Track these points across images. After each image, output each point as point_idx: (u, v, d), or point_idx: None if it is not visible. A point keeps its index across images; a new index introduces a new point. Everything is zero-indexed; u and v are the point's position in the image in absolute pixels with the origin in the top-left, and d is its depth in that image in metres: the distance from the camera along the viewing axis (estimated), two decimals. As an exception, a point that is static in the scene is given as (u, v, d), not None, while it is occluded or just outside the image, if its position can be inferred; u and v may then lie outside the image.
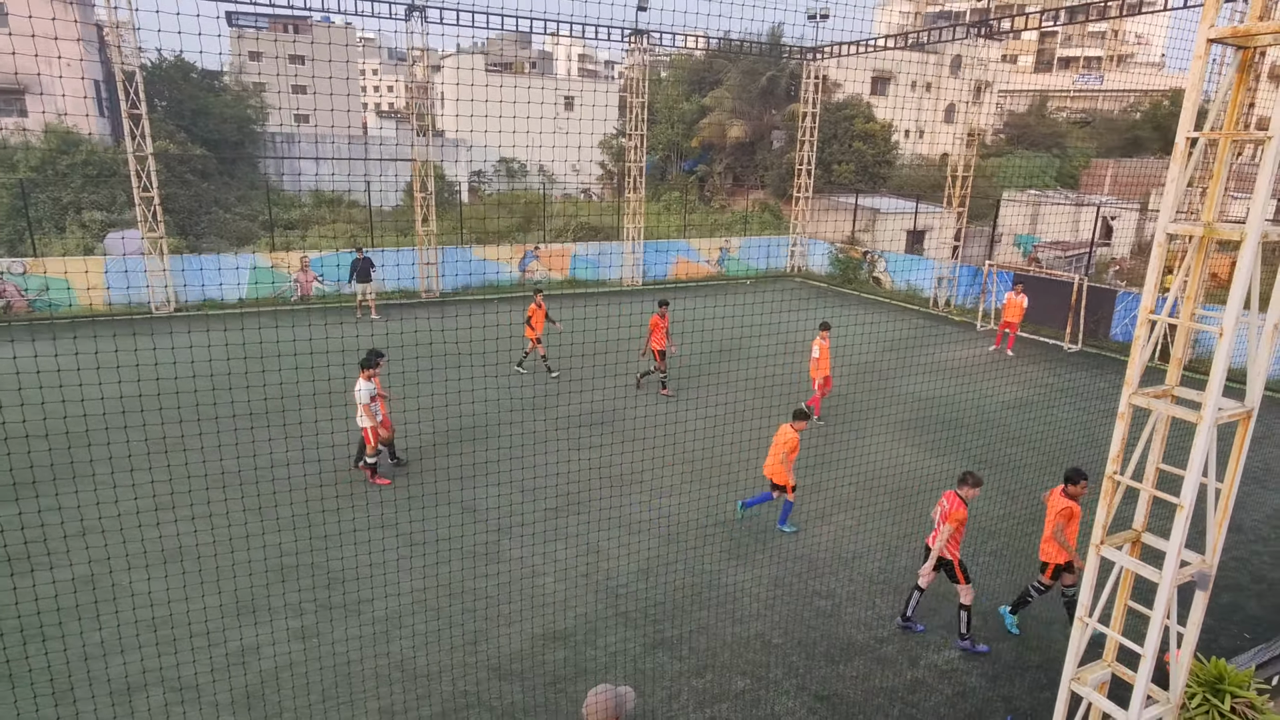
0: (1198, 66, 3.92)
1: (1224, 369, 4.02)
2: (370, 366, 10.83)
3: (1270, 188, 3.75)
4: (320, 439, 12.17)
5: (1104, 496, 4.84)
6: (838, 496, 10.96)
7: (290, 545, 9.20)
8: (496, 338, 16.89)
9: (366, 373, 10.81)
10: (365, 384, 10.78)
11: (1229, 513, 4.60)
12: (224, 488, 10.37)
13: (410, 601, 8.15)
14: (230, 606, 7.98)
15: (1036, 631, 8.11)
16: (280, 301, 22.32)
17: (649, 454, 11.96)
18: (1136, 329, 4.42)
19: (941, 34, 26.00)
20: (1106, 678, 5.22)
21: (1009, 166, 41.12)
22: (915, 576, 8.72)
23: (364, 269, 20.79)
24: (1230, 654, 7.09)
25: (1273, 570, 9.46)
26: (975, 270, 23.87)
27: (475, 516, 10.12)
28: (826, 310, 23.39)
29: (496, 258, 25.30)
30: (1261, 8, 3.94)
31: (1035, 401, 15.50)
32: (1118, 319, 20.03)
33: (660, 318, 14.73)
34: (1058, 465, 12.29)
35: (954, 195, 24.10)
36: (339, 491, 10.59)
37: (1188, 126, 4.05)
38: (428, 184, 23.14)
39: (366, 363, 10.87)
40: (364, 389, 10.75)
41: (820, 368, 13.79)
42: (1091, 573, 4.99)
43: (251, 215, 29.07)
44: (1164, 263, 4.29)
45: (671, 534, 9.83)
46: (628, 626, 7.92)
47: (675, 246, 28.49)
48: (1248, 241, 3.83)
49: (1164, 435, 4.71)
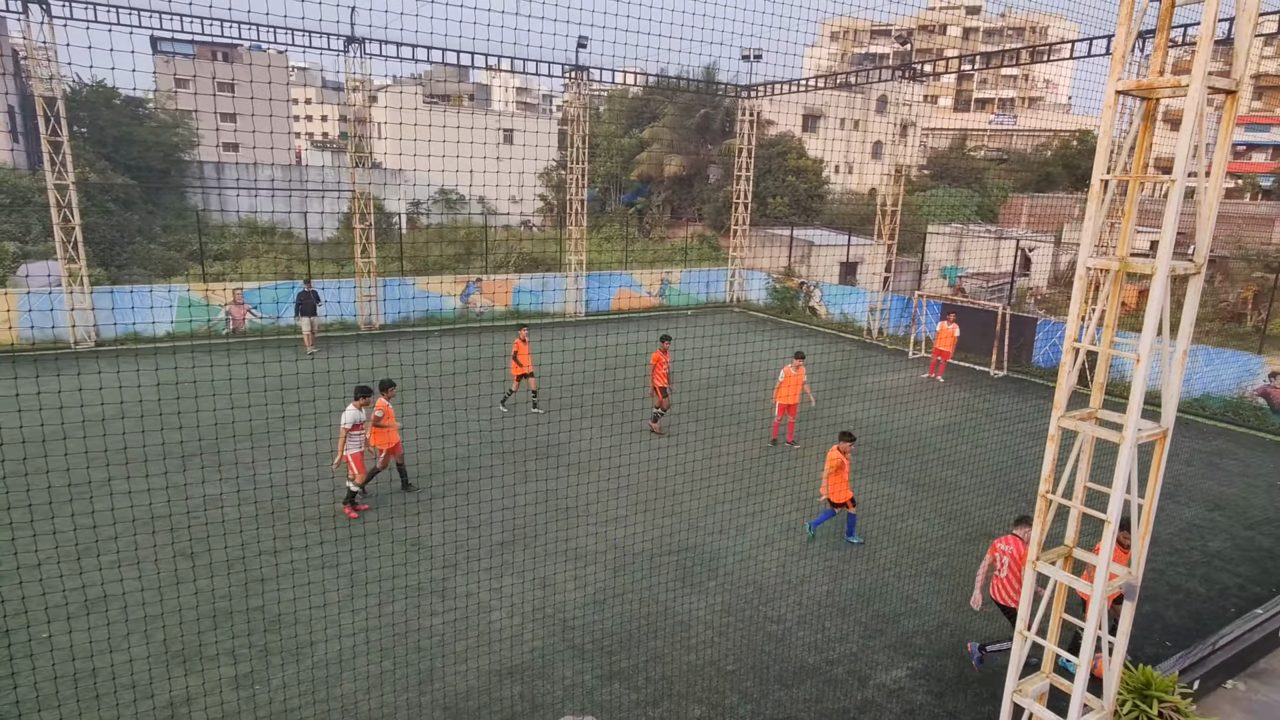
0: (1108, 115, 4.30)
1: (1142, 392, 4.35)
2: (363, 395, 10.83)
3: (1176, 225, 4.12)
4: (257, 477, 11.75)
5: (1038, 515, 5.12)
6: (782, 522, 11.17)
7: (225, 589, 8.81)
8: (440, 370, 16.67)
9: (358, 401, 10.78)
10: (349, 410, 10.71)
11: (1150, 526, 4.93)
12: (153, 531, 9.87)
13: (356, 643, 7.90)
14: (161, 656, 7.57)
15: (977, 648, 8.40)
16: (211, 335, 21.52)
17: (596, 484, 11.97)
18: (1063, 356, 4.74)
19: (869, 75, 27.31)
20: (1045, 689, 5.47)
21: (933, 201, 43.18)
22: (861, 601, 8.96)
23: (309, 302, 20.31)
24: (1154, 661, 7.50)
25: (1188, 580, 10.06)
26: (906, 300, 24.85)
27: (422, 553, 9.90)
28: (766, 339, 23.93)
29: (438, 289, 25.04)
30: (1161, 64, 4.36)
31: (965, 425, 16.15)
32: (1039, 346, 21.12)
33: (662, 353, 14.51)
34: (989, 487, 12.85)
35: (884, 228, 25.14)
36: (276, 532, 10.20)
37: (1102, 169, 4.42)
38: (367, 215, 22.83)
39: (362, 390, 10.88)
40: (347, 415, 10.68)
41: (780, 393, 14.08)
42: (1029, 588, 5.25)
43: (178, 245, 28.07)
44: (1085, 294, 4.63)
45: (622, 564, 9.83)
46: (581, 659, 7.86)
47: (617, 278, 28.76)
48: (1158, 275, 4.19)
49: (1089, 455, 5.03)
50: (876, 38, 75.61)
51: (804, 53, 71.78)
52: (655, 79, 27.69)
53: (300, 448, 13.02)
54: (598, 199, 41.89)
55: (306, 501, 11.07)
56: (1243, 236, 33.76)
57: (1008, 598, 7.78)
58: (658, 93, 40.03)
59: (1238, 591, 9.79)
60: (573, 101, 26.48)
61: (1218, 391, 17.80)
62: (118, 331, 20.38)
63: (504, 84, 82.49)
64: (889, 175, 25.16)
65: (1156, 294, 4.21)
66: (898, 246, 25.73)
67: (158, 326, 20.79)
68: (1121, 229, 4.63)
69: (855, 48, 76.09)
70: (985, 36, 77.72)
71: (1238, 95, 4.36)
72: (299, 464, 12.29)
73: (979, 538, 10.94)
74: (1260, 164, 63.65)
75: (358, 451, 10.81)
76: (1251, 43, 4.30)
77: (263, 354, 18.48)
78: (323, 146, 60.88)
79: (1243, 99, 4.42)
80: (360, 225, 22.74)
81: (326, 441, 12.88)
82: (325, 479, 11.72)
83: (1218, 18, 3.99)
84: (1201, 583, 10.01)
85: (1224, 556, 10.76)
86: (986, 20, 77.31)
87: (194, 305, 21.34)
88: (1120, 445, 4.51)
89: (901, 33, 28.48)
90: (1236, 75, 4.30)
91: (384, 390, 11.28)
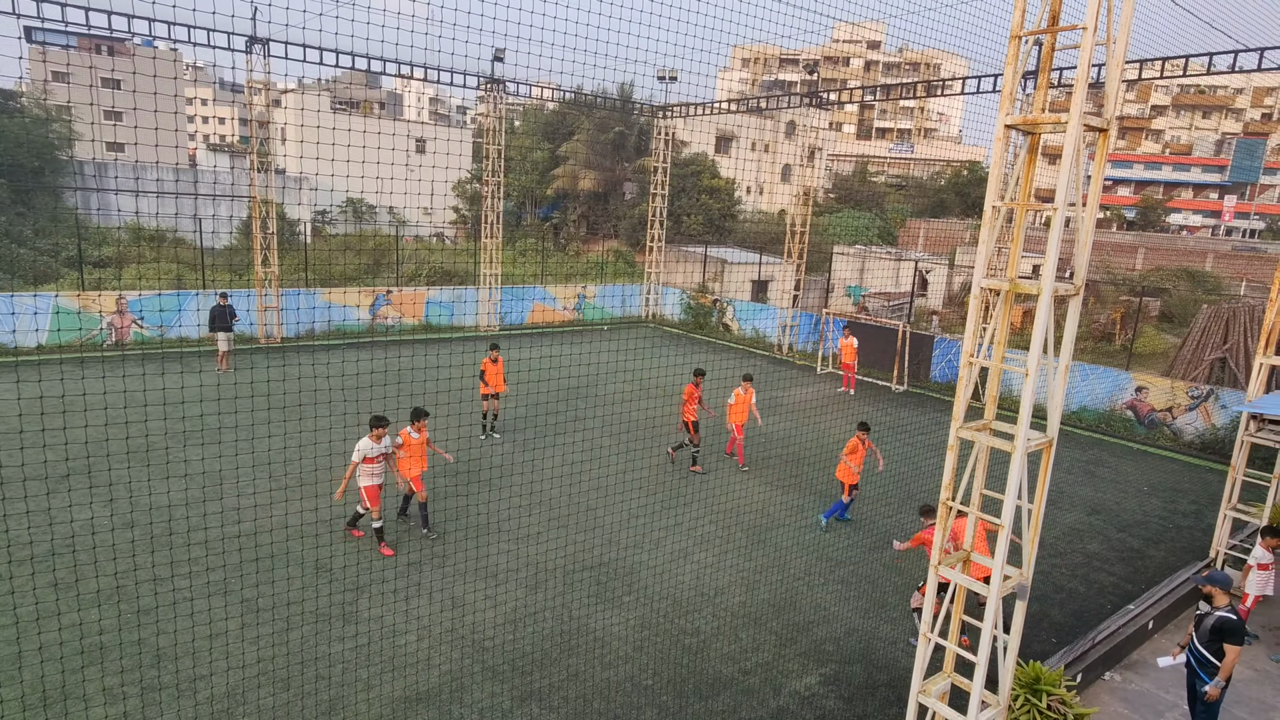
0: (999, 148, 4.61)
1: (1030, 404, 4.65)
2: (378, 425, 10.01)
3: (1058, 250, 4.45)
4: (136, 500, 10.93)
5: (939, 522, 5.39)
6: (697, 534, 11.29)
7: (101, 622, 8.12)
8: (344, 385, 16.03)
9: (374, 432, 10.02)
10: (362, 442, 10.00)
11: (1039, 529, 5.27)
12: (9, 561, 9.01)
13: (253, 674, 7.43)
14: (29, 698, 6.88)
15: (883, 652, 8.72)
16: (91, 347, 19.93)
17: (510, 500, 11.76)
18: (960, 370, 5.02)
19: (779, 101, 28.33)
20: (947, 688, 5.73)
21: (838, 223, 45.10)
22: (774, 611, 9.16)
23: (224, 316, 18.99)
24: (1042, 657, 7.99)
25: (1070, 580, 10.79)
26: (814, 317, 25.77)
27: (325, 576, 9.44)
28: (680, 355, 24.26)
29: (345, 301, 24.12)
30: (1043, 102, 4.72)
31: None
32: (936, 361, 22.31)
33: (694, 386, 13.86)
34: (891, 495, 13.41)
35: (793, 248, 26.03)
36: (157, 560, 9.45)
37: (994, 196, 4.73)
38: (269, 223, 21.79)
39: (377, 420, 10.05)
40: (359, 447, 9.97)
41: (733, 414, 14.15)
42: (932, 591, 5.50)
43: (52, 250, 25.92)
44: (979, 313, 4.93)
45: (537, 581, 9.68)
46: (495, 680, 7.66)
47: (532, 292, 28.53)
48: (1044, 295, 4.50)
49: (985, 464, 5.34)
50: (785, 65, 78.68)
51: (717, 76, 73.81)
52: (572, 94, 27.77)
53: (186, 466, 12.23)
54: (513, 212, 41.54)
55: (195, 525, 10.35)
56: (1110, 262, 36.90)
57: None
58: (574, 108, 40.18)
59: (1113, 590, 10.57)
60: (488, 113, 26.22)
61: (1092, 405, 19.27)
62: (-21, 342, 18.60)
63: (417, 93, 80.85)
64: (797, 197, 26.10)
65: (1042, 313, 4.53)
66: (806, 266, 26.68)
67: (25, 336, 19.10)
68: (1011, 253, 4.97)
69: (764, 74, 78.92)
70: (885, 70, 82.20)
71: (1109, 133, 4.77)
72: (184, 484, 11.53)
73: (883, 545, 11.39)
74: (1125, 197, 69.86)
75: (372, 484, 10.01)
76: (1120, 86, 4.72)
77: (144, 367, 17.28)
78: (219, 149, 57.81)
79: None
80: (261, 232, 21.66)
81: (216, 460, 12.13)
82: (213, 500, 11.02)
83: (1091, 62, 4.37)
84: (1082, 582, 10.75)
85: (1101, 557, 11.61)
86: (886, 54, 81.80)
87: (69, 314, 19.71)
88: (1012, 454, 4.80)
89: (809, 62, 29.73)
90: (1108, 115, 4.70)
91: (413, 420, 10.54)
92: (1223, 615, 6.72)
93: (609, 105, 32.52)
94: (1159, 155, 73.91)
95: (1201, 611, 6.99)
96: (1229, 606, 6.80)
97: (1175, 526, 13.05)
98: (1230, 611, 6.77)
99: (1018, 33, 4.65)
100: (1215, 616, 6.75)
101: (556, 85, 26.83)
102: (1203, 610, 6.97)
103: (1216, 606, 6.81)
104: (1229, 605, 6.81)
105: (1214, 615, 6.77)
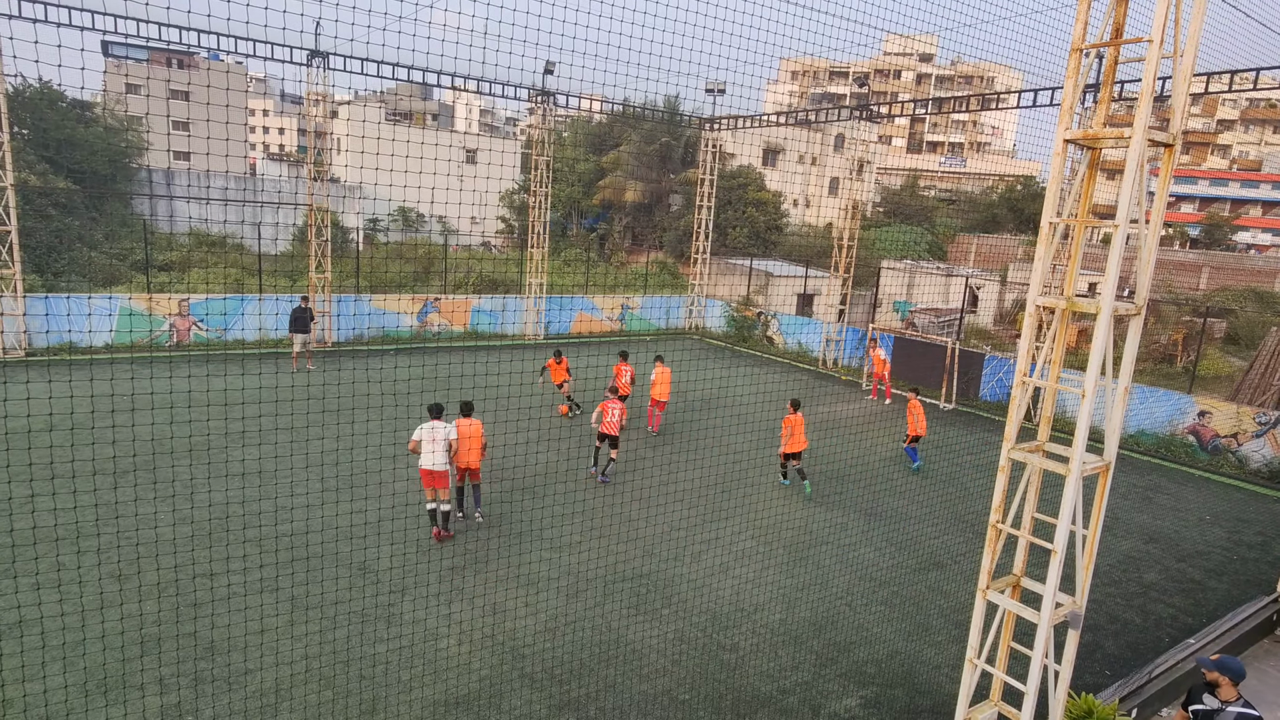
0: (1058, 163, 4.50)
1: (1087, 425, 4.50)
2: (434, 414, 10.72)
3: (1119, 268, 4.31)
4: (195, 497, 11.29)
5: (988, 544, 5.24)
6: (737, 549, 11.19)
7: (156, 613, 8.40)
8: (394, 389, 16.37)
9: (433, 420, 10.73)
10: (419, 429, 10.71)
11: (1094, 556, 5.09)
12: (78, 551, 9.39)
13: (296, 671, 7.60)
14: (83, 685, 7.16)
15: (927, 677, 8.50)
16: (153, 347, 20.76)
17: (550, 508, 11.83)
18: (1014, 390, 4.89)
19: (828, 114, 28.10)
20: (993, 717, 5.55)
21: (886, 237, 44.44)
22: (814, 630, 9.01)
23: (303, 319, 19.86)
24: (1095, 690, 7.69)
25: (1125, 611, 10.38)
26: (860, 332, 25.39)
27: (368, 577, 9.62)
28: (723, 367, 24.13)
29: (394, 308, 24.66)
30: (1105, 116, 4.60)
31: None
32: (986, 379, 21.76)
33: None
34: (938, 516, 13.11)
35: (840, 262, 25.73)
36: (213, 554, 9.78)
37: (1051, 212, 4.61)
38: (323, 230, 22.43)
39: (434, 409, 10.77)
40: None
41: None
42: (979, 616, 5.35)
43: (121, 254, 27.10)
44: (1034, 332, 4.80)
45: (575, 590, 9.70)
46: (532, 688, 7.69)
47: (577, 302, 28.76)
48: (1103, 314, 4.37)
49: (1038, 487, 5.18)
50: (835, 78, 78.08)
51: (765, 88, 73.60)
52: (620, 106, 28.02)
53: (243, 466, 12.60)
54: (559, 223, 42.00)
55: (248, 523, 10.68)
56: (1172, 281, 35.59)
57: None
58: (622, 120, 40.51)
59: (1171, 622, 10.12)
60: (537, 125, 26.61)
61: (1151, 428, 18.55)
62: (51, 341, 19.52)
63: (468, 104, 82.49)
64: (845, 211, 25.82)
65: (1101, 333, 4.39)
66: (853, 280, 26.35)
67: (96, 337, 19.98)
68: (1068, 270, 4.83)
69: (814, 87, 78.39)
70: (937, 83, 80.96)
71: (1174, 148, 4.61)
72: (240, 483, 11.87)
73: (929, 567, 11.13)
74: (1189, 214, 67.34)
75: (424, 469, 10.57)
76: (1187, 100, 4.57)
77: (207, 368, 17.89)
78: (279, 159, 59.84)
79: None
80: (316, 240, 22.32)
81: (271, 460, 12.48)
82: (267, 499, 11.33)
83: (1156, 75, 4.24)
84: (1138, 613, 10.32)
85: (1159, 588, 11.14)
86: (938, 68, 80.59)
87: (135, 316, 20.58)
88: (1066, 477, 4.65)
89: (859, 75, 29.45)
90: (1174, 130, 4.55)
91: (464, 413, 11.11)
92: (1241, 712, 5.37)
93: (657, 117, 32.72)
94: (1226, 171, 71.15)
95: (1201, 708, 5.57)
96: (1242, 702, 5.43)
97: (1239, 558, 12.45)
98: (1247, 707, 5.41)
99: (1079, 45, 4.54)
100: (1230, 715, 5.38)
101: (605, 98, 27.12)
102: (1205, 706, 5.54)
103: (1223, 700, 5.47)
104: (1241, 701, 5.44)
105: (1227, 713, 5.40)
